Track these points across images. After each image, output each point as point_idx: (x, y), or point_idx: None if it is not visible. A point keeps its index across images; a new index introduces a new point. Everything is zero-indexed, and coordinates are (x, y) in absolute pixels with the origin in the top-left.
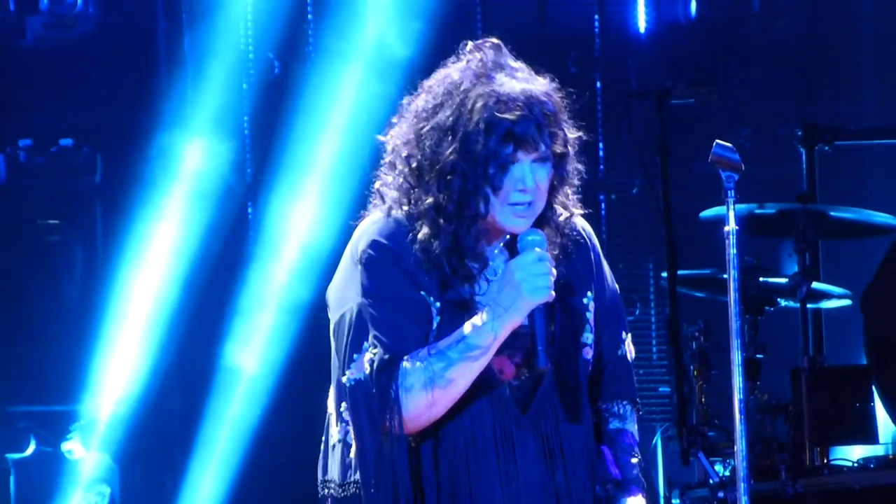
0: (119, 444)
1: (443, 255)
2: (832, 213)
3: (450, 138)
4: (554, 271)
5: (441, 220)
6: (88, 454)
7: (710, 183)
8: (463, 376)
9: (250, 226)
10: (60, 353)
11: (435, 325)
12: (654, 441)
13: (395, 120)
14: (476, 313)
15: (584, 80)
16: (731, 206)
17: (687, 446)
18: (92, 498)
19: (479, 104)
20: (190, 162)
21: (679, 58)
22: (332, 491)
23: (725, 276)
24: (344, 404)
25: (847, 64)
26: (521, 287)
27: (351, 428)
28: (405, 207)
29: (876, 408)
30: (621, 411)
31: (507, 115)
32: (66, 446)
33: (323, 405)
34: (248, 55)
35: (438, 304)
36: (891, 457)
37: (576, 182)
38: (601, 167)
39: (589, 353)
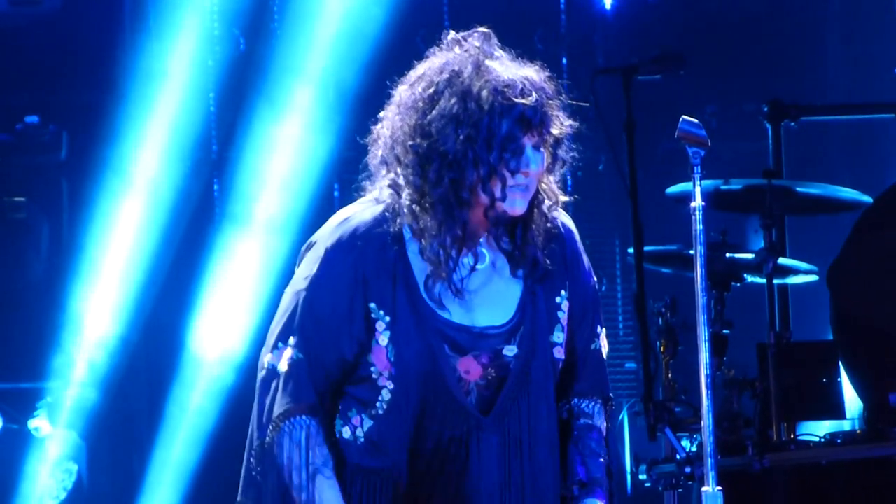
0: (86, 422)
1: (450, 245)
2: (798, 189)
3: (457, 126)
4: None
5: (454, 209)
6: (55, 431)
7: (676, 159)
8: None
9: (216, 202)
10: (27, 330)
11: (386, 339)
12: (620, 417)
13: (382, 115)
14: (465, 303)
15: (551, 56)
16: (698, 182)
17: (654, 422)
18: (59, 475)
19: (486, 90)
20: (155, 139)
21: (645, 34)
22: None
23: (692, 251)
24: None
25: (813, 40)
26: None
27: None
28: (406, 201)
29: (842, 383)
30: (591, 409)
31: (518, 100)
32: (32, 424)
33: None
34: (213, 32)
35: (388, 318)
36: (857, 432)
37: (564, 169)
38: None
39: (559, 353)
